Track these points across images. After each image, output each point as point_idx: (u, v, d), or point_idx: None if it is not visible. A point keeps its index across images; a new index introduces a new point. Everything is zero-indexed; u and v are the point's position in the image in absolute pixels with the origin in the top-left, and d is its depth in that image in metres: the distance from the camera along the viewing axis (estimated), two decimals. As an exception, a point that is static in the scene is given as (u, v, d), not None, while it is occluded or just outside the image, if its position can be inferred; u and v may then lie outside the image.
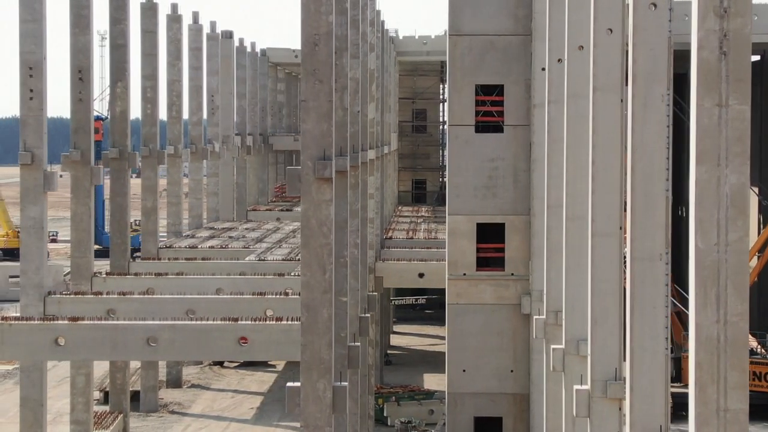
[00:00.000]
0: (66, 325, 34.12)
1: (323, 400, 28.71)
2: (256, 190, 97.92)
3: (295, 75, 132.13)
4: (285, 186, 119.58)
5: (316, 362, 28.72)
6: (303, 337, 28.87)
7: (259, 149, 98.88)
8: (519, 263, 46.31)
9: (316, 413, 28.79)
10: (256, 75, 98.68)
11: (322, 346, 28.66)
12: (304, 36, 28.59)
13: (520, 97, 46.15)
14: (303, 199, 28.90)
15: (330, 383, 28.67)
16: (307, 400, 28.79)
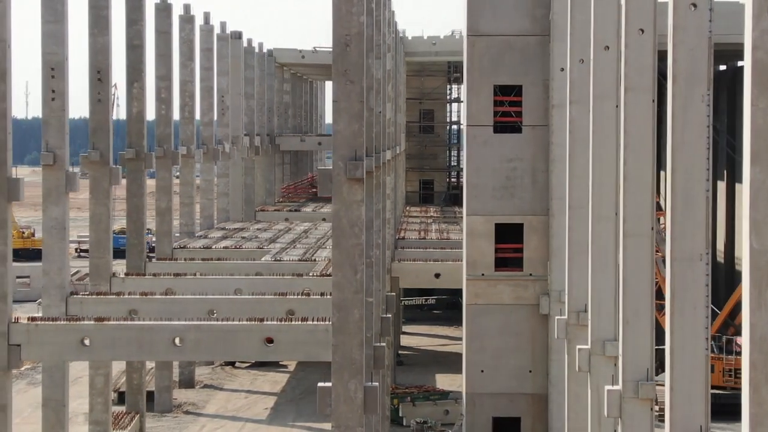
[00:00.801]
0: (92, 325, 34.12)
1: (355, 401, 28.76)
2: (263, 190, 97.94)
3: (300, 75, 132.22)
4: (292, 186, 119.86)
5: (348, 363, 28.76)
6: (334, 337, 28.90)
7: (267, 150, 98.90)
8: (537, 263, 46.31)
9: (347, 413, 28.85)
10: (264, 75, 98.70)
11: (354, 347, 28.70)
12: (336, 36, 28.66)
13: (538, 98, 46.16)
14: (334, 200, 28.92)
15: (361, 384, 28.72)
16: (338, 401, 28.85)
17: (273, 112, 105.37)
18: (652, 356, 27.83)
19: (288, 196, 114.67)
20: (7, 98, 33.22)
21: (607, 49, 33.02)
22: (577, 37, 39.94)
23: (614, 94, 33.00)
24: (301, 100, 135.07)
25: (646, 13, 27.46)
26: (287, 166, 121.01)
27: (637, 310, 27.65)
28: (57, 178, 39.64)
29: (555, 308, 45.61)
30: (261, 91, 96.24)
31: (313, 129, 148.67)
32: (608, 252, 33.31)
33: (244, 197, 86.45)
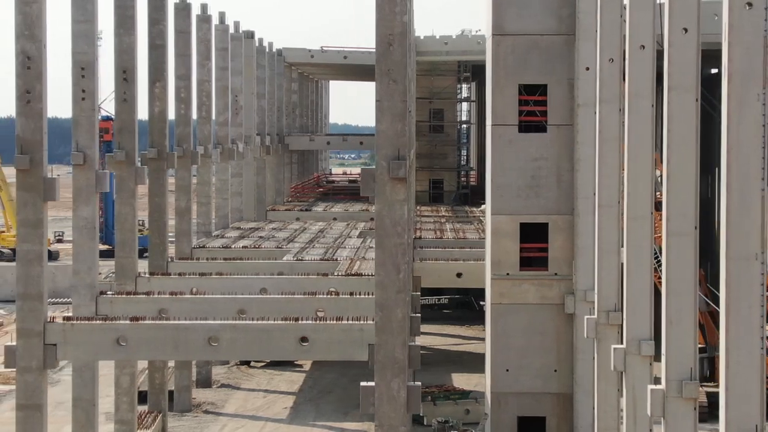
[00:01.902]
0: (127, 325, 34.15)
1: (398, 400, 28.84)
2: (273, 190, 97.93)
3: (306, 75, 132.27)
4: (300, 186, 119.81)
5: (390, 362, 28.85)
6: (377, 336, 28.96)
7: (277, 149, 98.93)
8: (562, 263, 46.31)
9: (390, 413, 28.93)
10: (274, 75, 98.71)
11: (397, 346, 28.79)
12: (379, 36, 28.71)
13: (563, 97, 46.14)
14: (377, 199, 28.98)
15: (404, 383, 28.79)
16: (381, 400, 28.92)
17: (282, 111, 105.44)
18: (696, 355, 27.87)
19: (296, 195, 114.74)
20: (43, 98, 33.26)
21: (642, 48, 33.00)
22: (607, 37, 40.00)
23: (650, 93, 33.01)
24: (307, 100, 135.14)
25: (689, 12, 27.49)
26: (295, 166, 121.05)
27: (680, 309, 27.67)
28: (87, 177, 39.67)
29: (580, 308, 45.61)
30: (271, 90, 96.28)
31: (318, 128, 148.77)
32: (643, 251, 33.31)
33: (255, 197, 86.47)
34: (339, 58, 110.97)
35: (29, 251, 33.45)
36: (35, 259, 33.45)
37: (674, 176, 27.61)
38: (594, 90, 45.64)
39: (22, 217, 33.51)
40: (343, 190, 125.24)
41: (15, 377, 66.71)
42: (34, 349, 33.46)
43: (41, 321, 33.58)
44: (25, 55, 33.05)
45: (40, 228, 33.41)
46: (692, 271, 27.63)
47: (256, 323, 34.33)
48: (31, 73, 33.13)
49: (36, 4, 32.98)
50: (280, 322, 34.24)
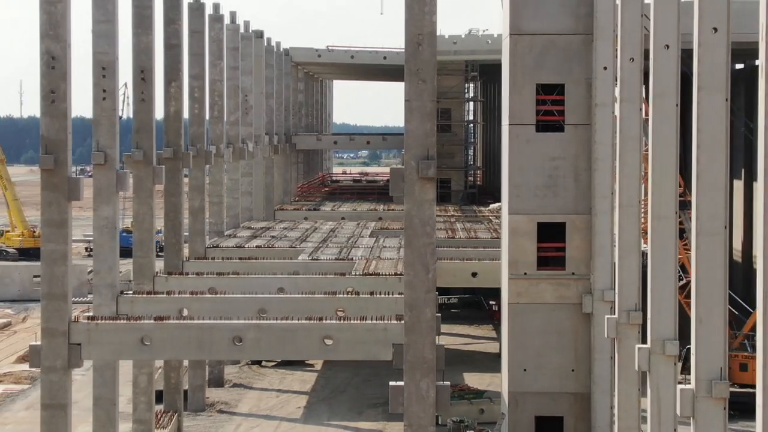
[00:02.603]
0: (152, 324, 34.14)
1: (427, 400, 28.84)
2: (281, 189, 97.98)
3: (311, 74, 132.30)
4: (306, 185, 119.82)
5: (420, 362, 28.85)
6: (407, 336, 28.97)
7: (284, 149, 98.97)
8: (580, 262, 46.32)
9: (419, 413, 28.92)
10: (281, 75, 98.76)
11: (426, 346, 28.80)
12: (408, 36, 28.71)
13: (580, 96, 46.16)
14: (406, 199, 28.99)
15: (433, 382, 28.81)
16: (410, 400, 28.92)
17: (289, 111, 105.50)
18: (725, 355, 27.88)
19: (303, 195, 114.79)
20: (67, 98, 33.26)
21: (667, 47, 32.98)
22: (628, 36, 40.03)
23: (674, 92, 33.01)
24: (312, 99, 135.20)
25: (719, 12, 27.49)
26: (301, 165, 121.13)
27: (711, 309, 27.69)
28: (108, 177, 39.69)
29: (598, 307, 45.66)
30: (279, 90, 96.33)
31: (323, 128, 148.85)
32: (668, 251, 33.30)
33: (264, 196, 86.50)
34: (346, 58, 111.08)
35: (54, 251, 33.46)
36: (60, 258, 33.47)
37: (704, 176, 27.61)
38: (612, 89, 45.78)
39: (46, 217, 33.50)
40: (348, 189, 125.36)
41: (26, 377, 66.83)
42: (59, 348, 33.45)
43: (66, 321, 33.57)
44: (49, 55, 33.04)
45: (65, 228, 33.41)
46: (722, 271, 27.66)
47: (280, 323, 34.31)
48: (55, 72, 33.12)
49: (60, 3, 32.97)
50: (304, 322, 34.22)
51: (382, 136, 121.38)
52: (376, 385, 64.27)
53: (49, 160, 33.12)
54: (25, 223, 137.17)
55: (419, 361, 28.80)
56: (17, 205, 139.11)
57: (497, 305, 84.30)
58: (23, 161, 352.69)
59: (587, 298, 46.08)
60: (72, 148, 45.51)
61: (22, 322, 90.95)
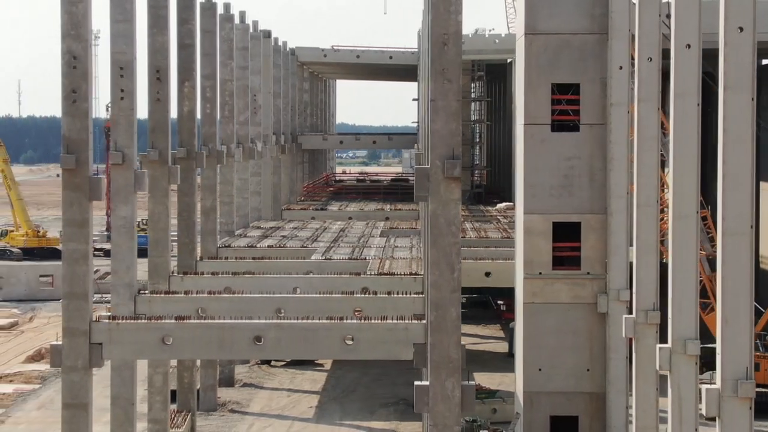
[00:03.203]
0: (173, 324, 34.13)
1: (452, 399, 28.83)
2: (288, 189, 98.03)
3: (316, 74, 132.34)
4: (311, 185, 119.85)
5: (445, 361, 28.86)
6: (432, 336, 28.97)
7: (291, 148, 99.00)
8: (595, 262, 46.29)
9: (445, 412, 28.92)
10: (288, 74, 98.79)
11: (451, 345, 28.81)
12: (434, 36, 28.71)
13: (595, 96, 46.12)
14: (431, 199, 28.99)
15: (458, 382, 28.81)
16: (436, 399, 28.91)
17: (295, 111, 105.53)
18: (752, 355, 27.88)
19: (308, 194, 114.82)
20: (89, 98, 33.25)
21: (688, 47, 32.99)
22: (646, 36, 40.04)
23: (696, 92, 33.01)
24: (317, 99, 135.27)
25: (745, 11, 27.50)
26: (307, 165, 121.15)
27: (737, 309, 27.69)
28: (126, 177, 39.69)
29: (613, 307, 45.64)
30: (285, 89, 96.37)
31: (327, 128, 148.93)
32: (689, 250, 33.31)
33: (272, 196, 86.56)
34: (352, 58, 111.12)
35: (75, 250, 33.41)
36: (81, 258, 33.42)
37: (730, 176, 27.61)
38: (627, 89, 45.79)
39: (67, 216, 33.48)
40: (353, 189, 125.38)
41: (36, 377, 66.84)
42: (80, 348, 33.43)
43: (87, 320, 33.55)
44: (71, 55, 33.05)
45: (86, 227, 33.38)
46: (748, 271, 27.67)
47: (301, 322, 34.31)
48: (76, 72, 33.13)
49: (81, 3, 32.97)
50: (324, 321, 34.23)
51: (387, 136, 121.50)
52: (387, 384, 64.34)
53: (71, 160, 33.11)
54: (30, 223, 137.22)
55: (444, 361, 28.80)
56: (21, 205, 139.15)
57: (505, 305, 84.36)
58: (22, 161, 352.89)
59: (602, 298, 46.06)
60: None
61: (29, 321, 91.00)
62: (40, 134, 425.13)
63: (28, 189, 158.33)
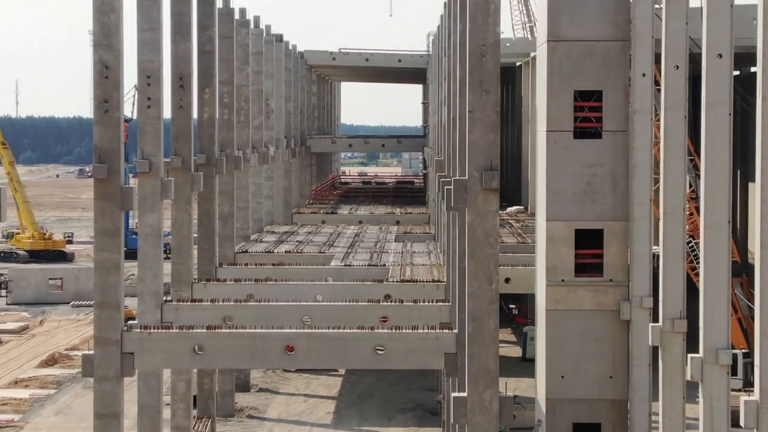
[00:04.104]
0: (204, 333, 34.15)
1: (490, 411, 28.83)
2: (297, 192, 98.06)
3: (324, 76, 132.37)
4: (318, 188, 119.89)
5: (483, 372, 28.85)
6: (470, 347, 28.97)
7: (301, 152, 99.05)
8: (618, 269, 46.18)
9: (483, 423, 28.91)
10: (298, 78, 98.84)
11: (489, 357, 28.80)
12: (472, 47, 28.73)
13: (618, 103, 46.03)
14: (469, 210, 29.00)
15: (496, 393, 28.81)
16: (474, 411, 28.91)
17: (304, 114, 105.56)
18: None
19: (317, 197, 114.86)
20: (120, 106, 33.26)
21: (720, 56, 33.02)
22: (672, 44, 40.06)
23: (728, 101, 33.05)
24: (323, 101, 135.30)
25: (784, 23, 27.51)
26: (314, 168, 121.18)
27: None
28: (153, 185, 39.70)
29: (636, 314, 45.60)
30: (295, 93, 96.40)
31: (332, 129, 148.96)
32: (721, 259, 33.33)
33: (283, 200, 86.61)
34: (360, 61, 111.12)
35: (107, 260, 33.42)
36: (113, 268, 33.42)
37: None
38: (650, 96, 45.77)
39: (99, 226, 33.50)
40: (362, 191, 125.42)
41: (51, 381, 66.81)
42: (112, 357, 33.45)
43: (118, 330, 33.56)
44: (103, 65, 33.06)
45: (117, 237, 33.40)
46: (786, 282, 27.65)
47: (332, 332, 34.32)
48: (108, 82, 33.14)
49: (114, 13, 32.98)
50: (355, 331, 34.25)
51: (396, 139, 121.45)
52: (402, 389, 64.37)
53: (103, 170, 33.14)
54: (36, 225, 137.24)
55: (482, 372, 28.81)
56: (28, 207, 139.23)
57: (517, 309, 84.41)
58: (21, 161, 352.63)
59: (625, 305, 45.96)
60: (71, 148, 45.09)
61: (40, 325, 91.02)
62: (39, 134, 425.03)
63: (28, 190, 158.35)
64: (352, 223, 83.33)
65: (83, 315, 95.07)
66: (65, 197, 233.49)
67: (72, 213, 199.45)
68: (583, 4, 46.70)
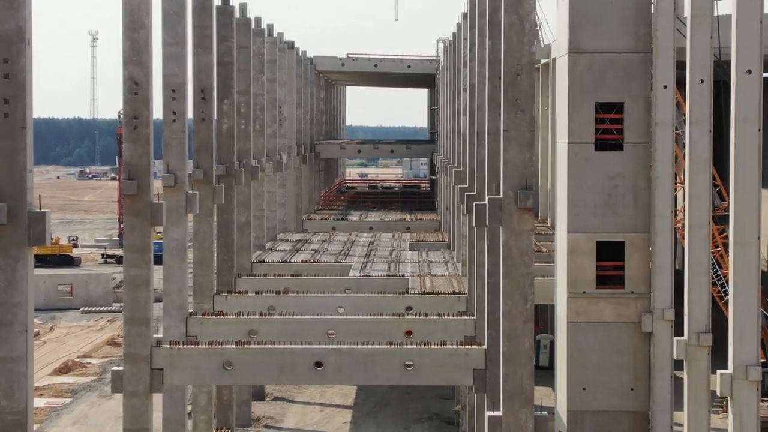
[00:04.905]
0: (233, 349, 34.19)
1: (525, 430, 28.82)
2: (307, 198, 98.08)
3: (331, 81, 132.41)
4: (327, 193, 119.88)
5: (518, 392, 28.87)
6: (504, 366, 28.99)
7: (310, 158, 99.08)
8: (639, 281, 46.18)
9: (518, 443, 28.89)
10: (308, 84, 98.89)
11: (524, 376, 28.82)
12: (506, 66, 28.74)
13: (639, 115, 46.05)
14: (504, 229, 29.01)
15: (531, 413, 28.83)
16: (509, 430, 28.91)
17: (313, 119, 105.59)
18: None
19: (325, 203, 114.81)
20: (150, 124, 33.28)
21: (749, 72, 33.05)
22: (698, 57, 40.07)
23: (757, 118, 33.09)
24: (330, 106, 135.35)
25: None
26: (322, 173, 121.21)
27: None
28: (178, 199, 39.71)
29: (658, 326, 45.60)
30: (305, 99, 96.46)
31: (338, 134, 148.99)
32: (750, 275, 33.38)
33: (294, 207, 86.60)
34: (369, 67, 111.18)
35: (136, 276, 33.45)
36: (142, 284, 33.46)
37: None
38: (671, 108, 45.79)
39: (129, 242, 33.52)
40: (370, 197, 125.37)
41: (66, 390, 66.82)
42: (141, 373, 33.48)
43: (148, 345, 33.59)
44: (132, 81, 33.09)
45: (147, 253, 33.41)
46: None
47: (361, 348, 34.37)
48: (138, 98, 33.17)
49: (144, 30, 33.01)
50: (384, 347, 34.30)
51: (405, 145, 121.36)
52: (417, 398, 64.39)
53: (132, 186, 33.13)
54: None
55: (518, 392, 28.84)
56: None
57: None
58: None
59: (647, 317, 45.96)
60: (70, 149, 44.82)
61: (50, 331, 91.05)
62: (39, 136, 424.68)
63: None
64: (362, 230, 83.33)
65: (93, 321, 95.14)
66: (67, 199, 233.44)
67: (74, 215, 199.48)
68: (605, 17, 46.73)
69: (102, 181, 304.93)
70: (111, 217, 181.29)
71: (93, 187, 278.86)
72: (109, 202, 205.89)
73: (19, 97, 22.01)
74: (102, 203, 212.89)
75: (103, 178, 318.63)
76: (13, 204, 22.11)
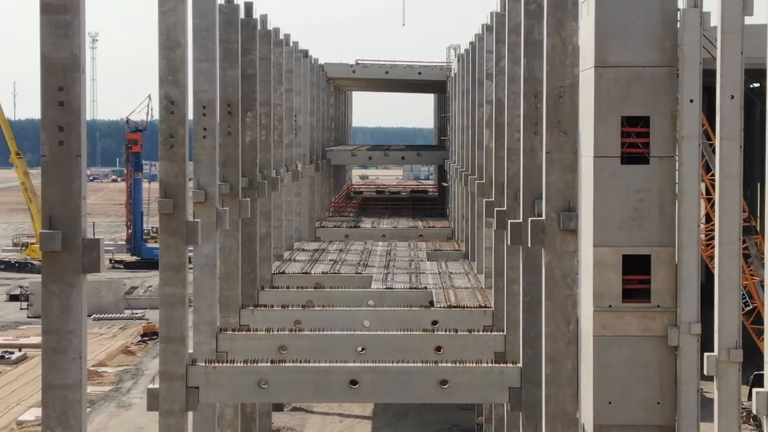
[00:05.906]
0: (269, 367, 34.22)
1: (568, 452, 28.82)
2: (319, 206, 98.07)
3: (340, 87, 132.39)
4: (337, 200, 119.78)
5: (561, 414, 28.90)
6: (547, 388, 29.01)
7: (323, 165, 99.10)
8: (665, 295, 46.18)
9: (561, 465, 28.88)
10: (319, 91, 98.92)
11: (567, 398, 28.83)
12: (549, 88, 28.75)
13: (665, 129, 46.06)
14: (546, 251, 29.01)
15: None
16: (551, 452, 28.90)
17: (323, 126, 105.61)
18: None
19: (335, 210, 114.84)
20: (185, 143, 33.30)
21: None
22: (728, 73, 40.06)
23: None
24: (338, 111, 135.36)
25: None
26: (332, 180, 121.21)
27: None
28: (208, 215, 39.72)
29: (684, 340, 45.59)
30: (317, 106, 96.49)
31: (346, 139, 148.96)
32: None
33: (308, 215, 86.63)
34: (380, 73, 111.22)
35: (172, 294, 33.49)
36: (178, 302, 33.50)
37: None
38: (698, 122, 45.80)
39: (165, 261, 33.55)
40: (378, 202, 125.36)
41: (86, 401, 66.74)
42: (177, 391, 33.52)
43: (183, 364, 33.62)
44: (168, 100, 33.13)
45: (182, 271, 33.45)
46: None
47: (396, 366, 34.38)
48: (174, 117, 33.21)
49: (179, 49, 33.06)
50: (420, 365, 34.31)
51: (416, 152, 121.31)
52: (435, 409, 64.33)
53: (168, 205, 33.16)
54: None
55: (560, 413, 28.87)
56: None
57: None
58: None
59: (673, 331, 45.94)
60: None
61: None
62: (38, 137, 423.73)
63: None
64: (375, 237, 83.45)
65: (105, 329, 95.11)
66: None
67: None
68: (631, 30, 46.71)
69: (103, 183, 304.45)
70: (114, 220, 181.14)
71: (95, 189, 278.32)
72: (111, 205, 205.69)
73: (73, 125, 22.05)
74: (105, 206, 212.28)
75: (104, 180, 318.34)
76: (68, 231, 22.13)
